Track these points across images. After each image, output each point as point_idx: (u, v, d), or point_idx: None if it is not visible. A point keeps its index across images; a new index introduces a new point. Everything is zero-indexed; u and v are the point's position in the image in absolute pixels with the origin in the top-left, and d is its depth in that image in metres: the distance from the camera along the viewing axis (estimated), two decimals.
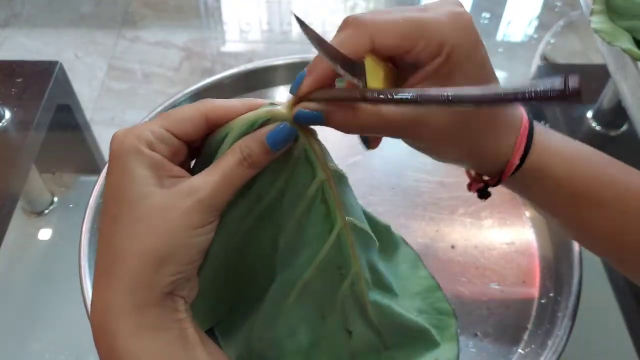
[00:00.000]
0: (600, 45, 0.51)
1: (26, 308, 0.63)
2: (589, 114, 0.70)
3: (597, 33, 0.45)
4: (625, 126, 0.69)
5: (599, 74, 0.70)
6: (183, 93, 0.57)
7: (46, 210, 0.70)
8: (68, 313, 0.61)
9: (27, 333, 0.60)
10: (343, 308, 0.37)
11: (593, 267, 0.57)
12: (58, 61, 0.71)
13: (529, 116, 0.34)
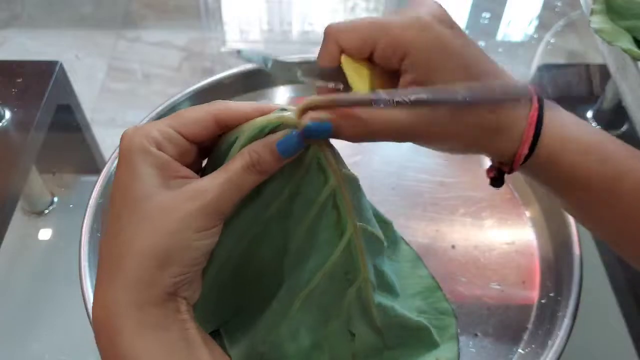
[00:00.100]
0: (600, 45, 0.51)
1: (26, 308, 0.63)
2: (589, 114, 0.70)
3: (597, 33, 0.45)
4: (625, 126, 0.69)
5: (599, 74, 0.70)
6: (183, 93, 0.57)
7: (46, 210, 0.70)
8: (68, 313, 0.61)
9: (27, 333, 0.60)
10: (348, 312, 0.37)
11: (593, 267, 0.57)
12: (58, 61, 0.71)
13: (540, 101, 0.33)
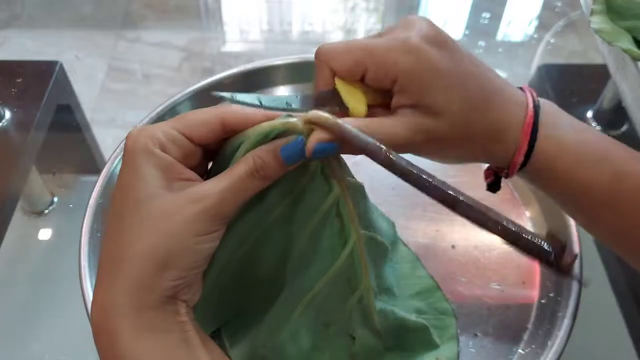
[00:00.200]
0: (600, 45, 0.51)
1: (26, 308, 0.63)
2: (589, 114, 0.70)
3: (597, 33, 0.45)
4: (625, 126, 0.69)
5: (599, 74, 0.70)
6: (183, 93, 0.57)
7: (46, 210, 0.70)
8: (68, 313, 0.61)
9: (27, 333, 0.60)
10: (349, 317, 0.37)
11: (593, 268, 0.57)
12: (58, 61, 0.71)
13: (535, 107, 0.33)
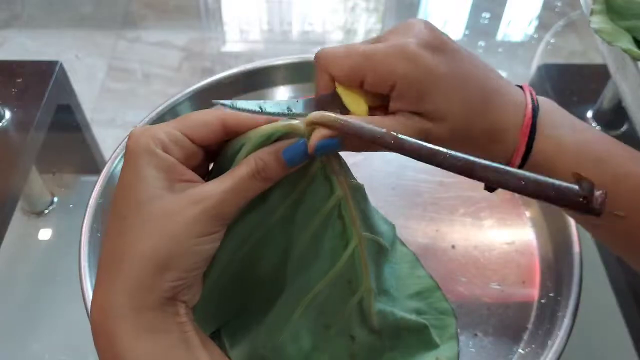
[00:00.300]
0: (600, 45, 0.51)
1: (26, 308, 0.63)
2: (589, 114, 0.70)
3: (597, 33, 0.45)
4: (625, 126, 0.69)
5: (599, 74, 0.70)
6: (183, 93, 0.57)
7: (46, 210, 0.70)
8: (68, 313, 0.61)
9: (27, 333, 0.60)
10: (349, 318, 0.37)
11: (593, 267, 0.57)
12: (58, 61, 0.71)
13: (534, 108, 0.33)
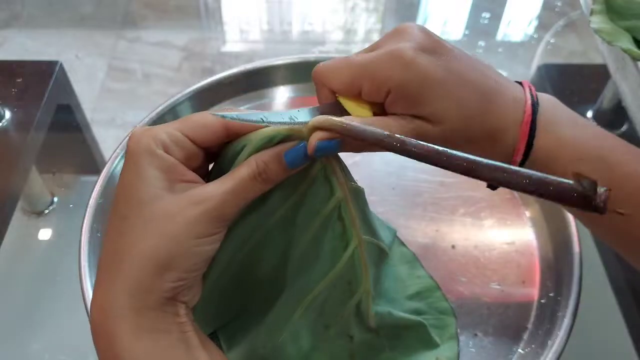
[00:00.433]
0: (600, 45, 0.51)
1: (26, 308, 0.63)
2: (589, 114, 0.70)
3: (597, 33, 0.45)
4: (625, 126, 0.69)
5: (599, 74, 0.70)
6: (183, 93, 0.57)
7: (46, 210, 0.70)
8: (68, 313, 0.61)
9: (27, 333, 0.60)
10: (348, 319, 0.37)
11: (593, 267, 0.57)
12: (58, 61, 0.71)
13: (533, 105, 0.33)
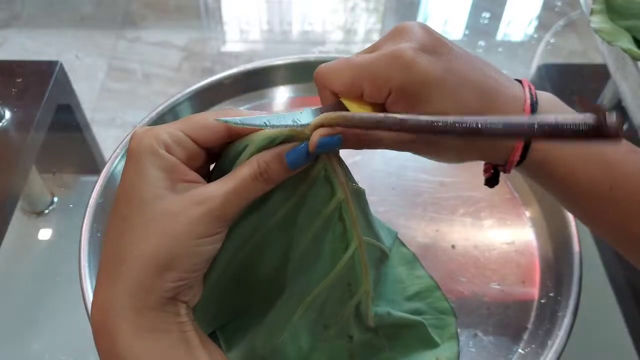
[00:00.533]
0: (600, 45, 0.51)
1: (26, 308, 0.63)
2: None
3: (597, 33, 0.45)
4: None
5: (599, 74, 0.70)
6: (183, 93, 0.57)
7: (46, 210, 0.70)
8: (68, 313, 0.61)
9: (27, 333, 0.60)
10: (347, 320, 0.37)
11: (593, 267, 0.57)
12: (58, 61, 0.71)
13: (532, 104, 0.33)
